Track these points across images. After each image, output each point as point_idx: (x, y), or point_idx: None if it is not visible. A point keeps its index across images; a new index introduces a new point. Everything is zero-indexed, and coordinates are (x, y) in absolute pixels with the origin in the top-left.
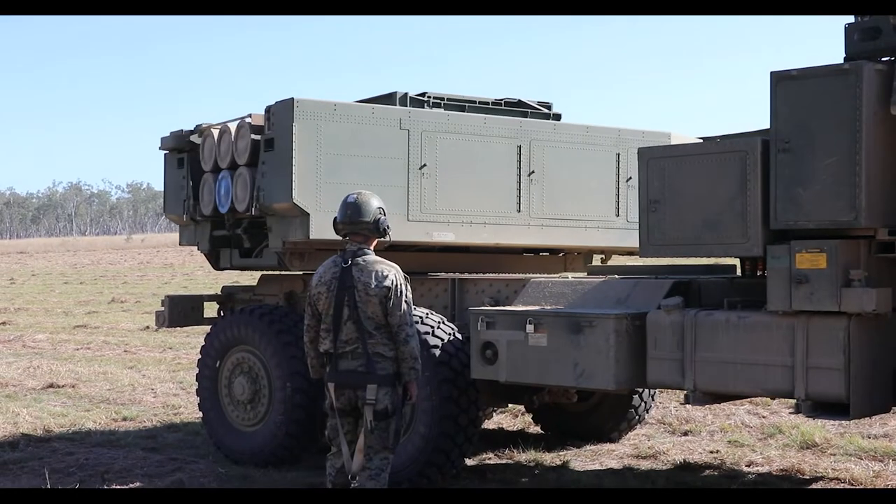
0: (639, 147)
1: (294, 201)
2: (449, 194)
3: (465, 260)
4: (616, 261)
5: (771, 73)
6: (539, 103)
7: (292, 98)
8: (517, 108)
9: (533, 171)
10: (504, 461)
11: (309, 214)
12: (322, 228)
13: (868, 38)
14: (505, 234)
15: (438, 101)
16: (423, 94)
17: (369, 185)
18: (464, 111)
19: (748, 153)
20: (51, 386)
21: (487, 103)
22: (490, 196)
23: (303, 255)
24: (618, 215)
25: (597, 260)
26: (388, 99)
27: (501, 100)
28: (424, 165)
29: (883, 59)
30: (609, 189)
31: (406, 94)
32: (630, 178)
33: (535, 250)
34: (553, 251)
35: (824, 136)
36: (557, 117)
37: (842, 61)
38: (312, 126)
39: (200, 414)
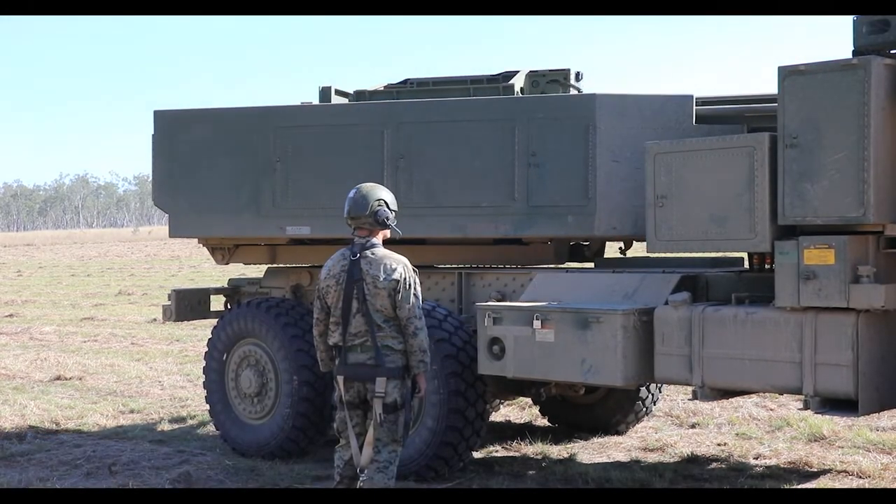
0: (543, 116)
1: (155, 204)
2: (303, 188)
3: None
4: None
5: (779, 67)
6: (551, 70)
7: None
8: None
9: (402, 157)
10: (511, 454)
11: (168, 216)
12: (180, 227)
13: (877, 32)
14: None
15: (423, 85)
16: (404, 82)
17: (224, 184)
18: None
19: (756, 148)
20: (58, 378)
21: (481, 81)
22: (349, 187)
23: (224, 249)
24: (514, 199)
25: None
26: (324, 96)
27: (500, 74)
28: (277, 161)
29: (892, 51)
30: (501, 169)
31: (329, 87)
32: (534, 154)
33: (409, 242)
34: (437, 242)
35: (832, 131)
36: (512, 89)
37: (850, 55)
38: (168, 134)
39: (207, 406)
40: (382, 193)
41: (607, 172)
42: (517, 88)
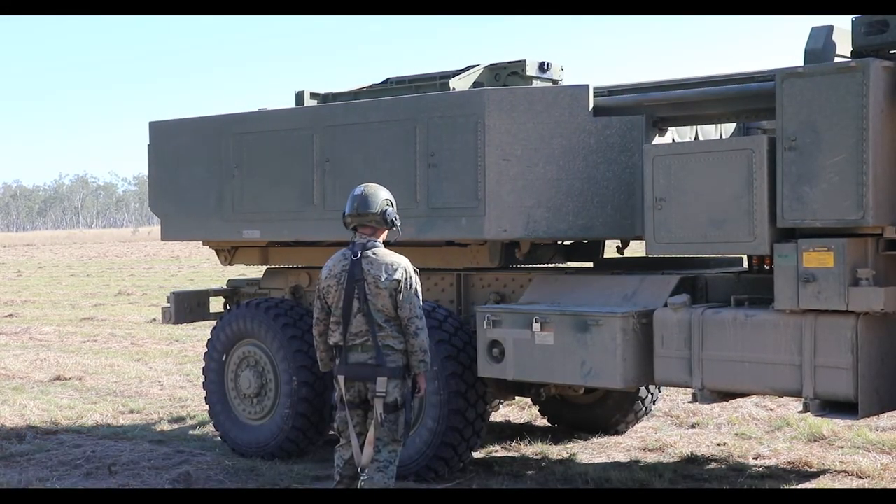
0: (440, 115)
1: (151, 209)
2: (255, 192)
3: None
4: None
5: (777, 70)
6: (510, 62)
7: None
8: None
9: (328, 160)
10: (511, 454)
11: (160, 220)
12: (170, 231)
13: (875, 32)
14: (303, 229)
15: (400, 83)
16: (385, 81)
17: (195, 190)
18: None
19: (754, 151)
20: (58, 378)
21: (448, 76)
22: (289, 191)
23: (227, 251)
24: (416, 201)
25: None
26: (298, 99)
27: (463, 68)
28: (236, 166)
29: (891, 52)
30: (405, 171)
31: (302, 91)
32: (433, 154)
33: (333, 244)
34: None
35: (831, 133)
36: (448, 86)
37: (849, 56)
38: (160, 143)
39: (207, 407)
40: (387, 193)
41: (497, 172)
42: (454, 85)
